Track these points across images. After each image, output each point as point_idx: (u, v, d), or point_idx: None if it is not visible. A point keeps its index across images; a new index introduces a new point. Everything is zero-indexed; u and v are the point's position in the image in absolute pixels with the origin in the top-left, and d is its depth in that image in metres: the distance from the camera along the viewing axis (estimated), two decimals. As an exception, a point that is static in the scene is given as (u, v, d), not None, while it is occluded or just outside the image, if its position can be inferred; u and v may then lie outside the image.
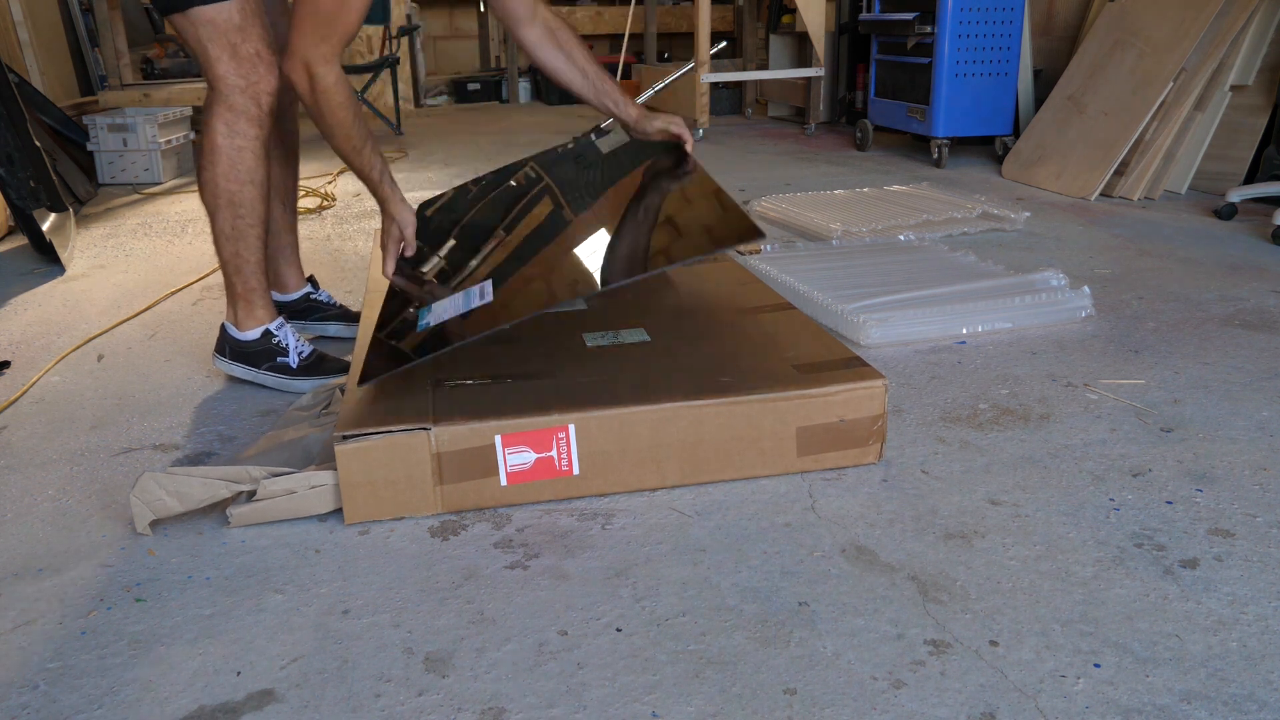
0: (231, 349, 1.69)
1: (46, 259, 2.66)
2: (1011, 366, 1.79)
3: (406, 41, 6.04)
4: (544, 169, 2.06)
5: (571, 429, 1.30)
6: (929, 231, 2.70)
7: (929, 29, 3.69)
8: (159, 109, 3.97)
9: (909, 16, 3.74)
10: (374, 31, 5.66)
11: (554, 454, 1.31)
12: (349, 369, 1.57)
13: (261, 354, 1.68)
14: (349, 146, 1.54)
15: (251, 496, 1.28)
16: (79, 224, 3.14)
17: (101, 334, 2.08)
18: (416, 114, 6.22)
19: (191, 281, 2.45)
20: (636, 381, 1.38)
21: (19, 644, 1.06)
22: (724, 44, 5.35)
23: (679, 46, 7.56)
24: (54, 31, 4.50)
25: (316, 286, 2.00)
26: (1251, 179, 3.12)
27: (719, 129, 5.09)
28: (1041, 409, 1.61)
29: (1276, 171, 2.99)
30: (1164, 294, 2.20)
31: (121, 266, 2.63)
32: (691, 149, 1.73)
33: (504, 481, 1.31)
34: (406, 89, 6.08)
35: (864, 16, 4.13)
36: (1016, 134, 3.87)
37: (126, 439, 1.57)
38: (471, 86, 6.80)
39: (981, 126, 3.78)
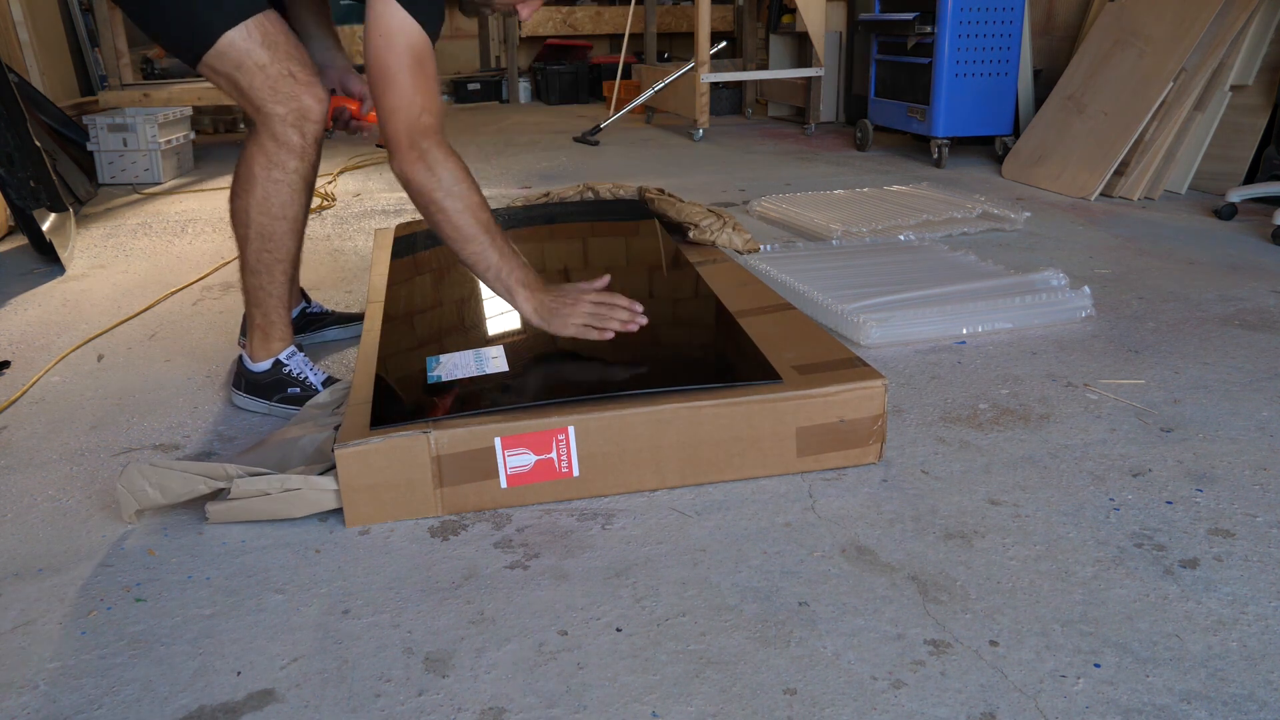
0: (246, 382, 1.64)
1: (46, 259, 2.66)
2: (1011, 366, 1.79)
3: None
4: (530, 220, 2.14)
5: (571, 431, 1.30)
6: (929, 231, 2.70)
7: (929, 29, 3.69)
8: (159, 109, 3.96)
9: (909, 16, 3.74)
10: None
11: (554, 456, 1.31)
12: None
13: (272, 386, 1.63)
14: (466, 240, 1.43)
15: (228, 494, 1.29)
16: (79, 224, 3.14)
17: (101, 334, 2.08)
18: (416, 114, 6.21)
19: (191, 281, 2.45)
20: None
21: (19, 644, 1.06)
22: (724, 44, 5.36)
23: (679, 46, 7.56)
24: (54, 31, 4.50)
25: (309, 300, 2.00)
26: (1251, 179, 3.12)
27: (719, 129, 5.09)
28: (1041, 409, 1.61)
29: (1276, 171, 2.99)
30: (1164, 294, 2.20)
31: (121, 266, 2.63)
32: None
33: (504, 484, 1.31)
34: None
35: (863, 16, 4.13)
36: (1016, 134, 3.87)
37: (126, 439, 1.57)
38: (471, 86, 6.80)
39: (981, 126, 3.78)
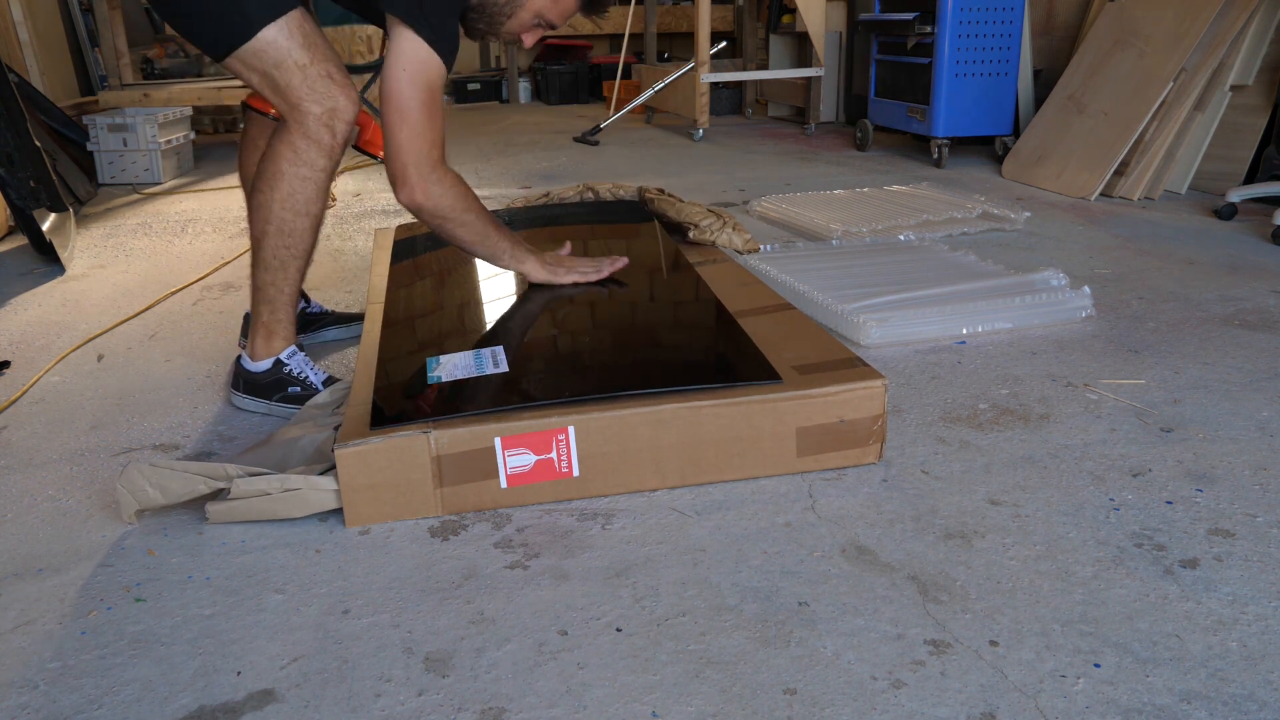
0: (245, 382, 1.63)
1: (46, 259, 2.66)
2: (1011, 366, 1.79)
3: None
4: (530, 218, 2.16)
5: (571, 431, 1.30)
6: (929, 231, 2.70)
7: (929, 29, 3.69)
8: (159, 109, 3.96)
9: (909, 16, 3.74)
10: (374, 32, 5.66)
11: (554, 456, 1.31)
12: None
13: (272, 385, 1.62)
14: (481, 241, 1.64)
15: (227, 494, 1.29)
16: (79, 224, 3.14)
17: (101, 334, 2.08)
18: (416, 114, 6.20)
19: (191, 281, 2.45)
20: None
21: (19, 644, 1.06)
22: (724, 44, 5.36)
23: (679, 46, 7.56)
24: (54, 31, 4.50)
25: (308, 300, 2.00)
26: (1251, 179, 3.12)
27: (719, 129, 5.09)
28: (1041, 409, 1.61)
29: (1276, 171, 2.99)
30: (1164, 294, 2.20)
31: (121, 266, 2.63)
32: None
33: (504, 484, 1.31)
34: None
35: (863, 16, 4.13)
36: (1016, 134, 3.87)
37: (126, 439, 1.57)
38: (471, 86, 6.80)
39: (981, 126, 3.78)
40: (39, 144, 2.85)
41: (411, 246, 2.16)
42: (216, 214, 3.26)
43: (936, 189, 3.19)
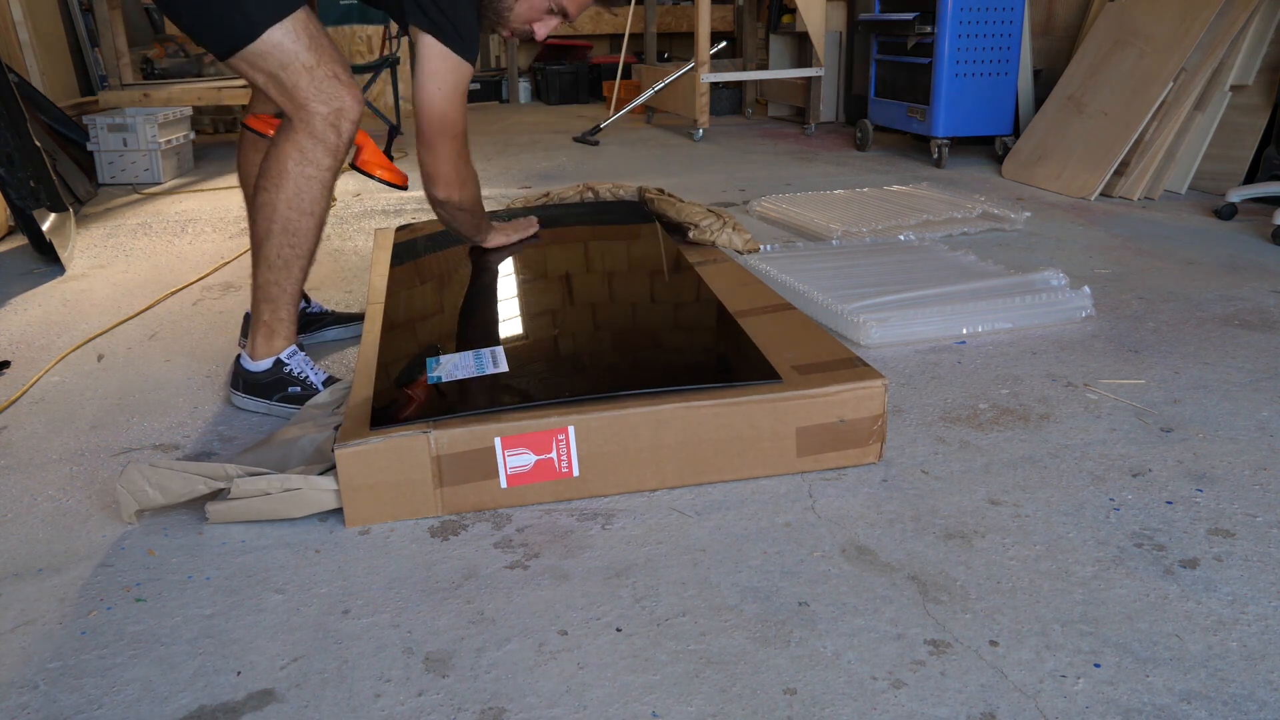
0: (245, 382, 1.63)
1: (46, 259, 2.66)
2: (1011, 366, 1.79)
3: (407, 41, 6.04)
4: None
5: (571, 431, 1.30)
6: (929, 231, 2.70)
7: (929, 29, 3.69)
8: (159, 109, 3.97)
9: (909, 16, 3.74)
10: (374, 31, 5.66)
11: (554, 456, 1.31)
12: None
13: (272, 385, 1.61)
14: (475, 224, 1.87)
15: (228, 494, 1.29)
16: (79, 224, 3.14)
17: (101, 334, 2.08)
18: (416, 114, 6.21)
19: (191, 281, 2.45)
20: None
21: (19, 644, 1.06)
22: (724, 44, 5.36)
23: (679, 46, 7.56)
24: (54, 31, 4.50)
25: (308, 301, 2.00)
26: (1251, 179, 3.12)
27: (719, 129, 5.09)
28: (1041, 409, 1.61)
29: (1276, 171, 2.99)
30: (1164, 294, 2.20)
31: (121, 266, 2.63)
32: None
33: (504, 484, 1.31)
34: (407, 89, 6.08)
35: (863, 16, 4.13)
36: (1016, 134, 3.87)
37: (126, 439, 1.57)
38: (472, 86, 6.79)
39: (981, 126, 3.78)
40: (39, 144, 2.85)
41: (412, 247, 2.16)
42: (216, 214, 3.26)
43: (936, 189, 3.19)
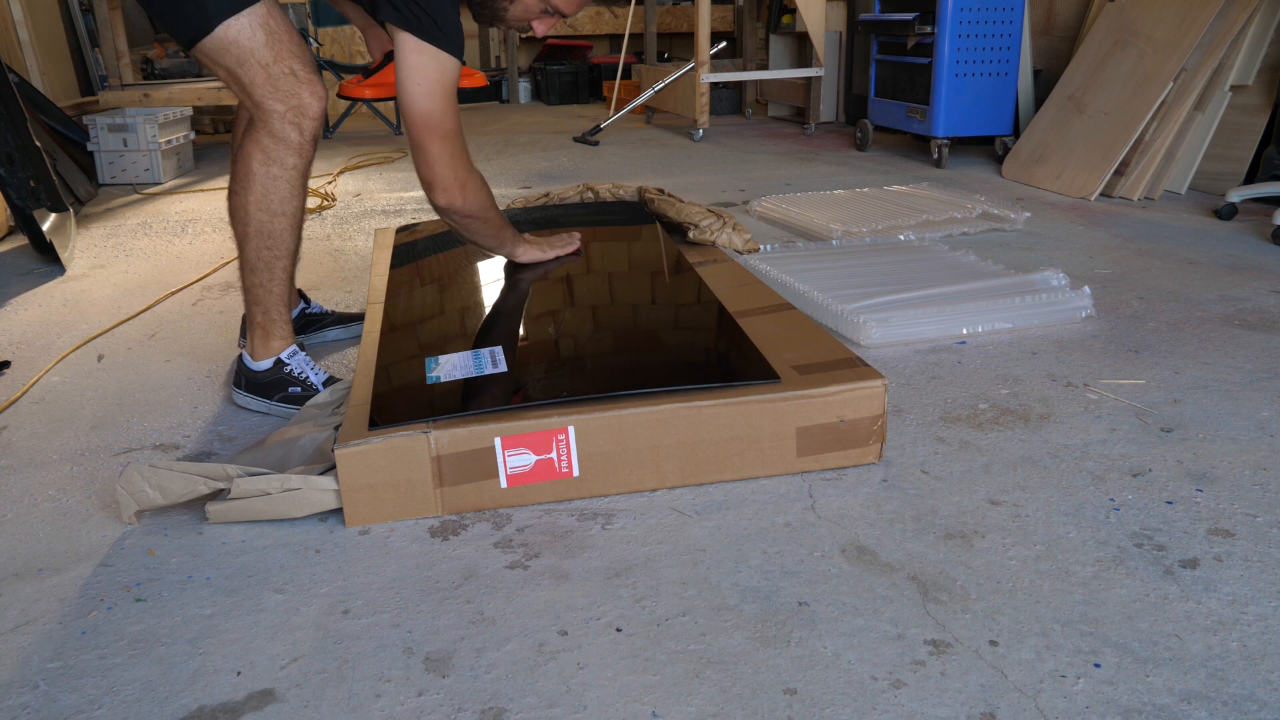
0: (247, 380, 1.63)
1: (46, 259, 2.66)
2: (1011, 366, 1.79)
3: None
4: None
5: (571, 431, 1.30)
6: (929, 231, 2.70)
7: (929, 29, 3.69)
8: (159, 109, 3.97)
9: (909, 16, 3.74)
10: (374, 31, 5.63)
11: (554, 456, 1.31)
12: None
13: (273, 385, 1.62)
14: (494, 234, 1.76)
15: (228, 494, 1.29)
16: (79, 224, 3.14)
17: (101, 334, 2.08)
18: (416, 114, 6.20)
19: (191, 281, 2.45)
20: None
21: (19, 644, 1.06)
22: (724, 44, 5.36)
23: (679, 46, 7.56)
24: (54, 31, 4.49)
25: (308, 301, 2.00)
26: (1251, 179, 3.12)
27: (719, 129, 5.09)
28: (1041, 409, 1.61)
29: (1276, 171, 2.99)
30: (1164, 294, 2.20)
31: (121, 266, 2.63)
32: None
33: (504, 484, 1.31)
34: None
35: (863, 16, 4.13)
36: (1016, 134, 3.87)
37: (126, 439, 1.57)
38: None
39: (981, 126, 3.78)
40: (39, 144, 2.85)
41: (412, 247, 2.16)
42: (216, 214, 3.26)
43: (936, 189, 3.19)
